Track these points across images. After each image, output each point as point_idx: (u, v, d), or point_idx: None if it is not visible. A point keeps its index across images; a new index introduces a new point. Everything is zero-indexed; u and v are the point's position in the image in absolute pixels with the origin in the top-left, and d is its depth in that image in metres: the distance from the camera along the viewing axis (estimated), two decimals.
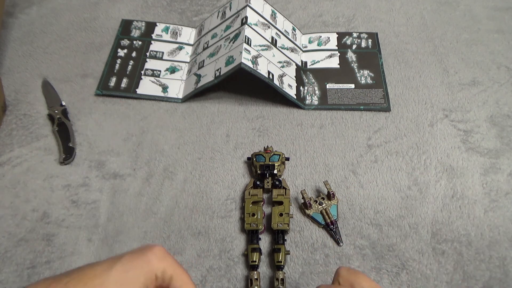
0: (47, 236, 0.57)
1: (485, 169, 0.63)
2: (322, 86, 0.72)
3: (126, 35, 0.79)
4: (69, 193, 0.61)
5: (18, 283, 0.53)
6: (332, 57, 0.76)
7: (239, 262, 0.55)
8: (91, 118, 0.69)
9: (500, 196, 0.60)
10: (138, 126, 0.68)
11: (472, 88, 0.72)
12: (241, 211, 0.59)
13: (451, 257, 0.55)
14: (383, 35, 0.79)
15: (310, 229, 0.58)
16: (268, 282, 0.54)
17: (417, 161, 0.64)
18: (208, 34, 0.76)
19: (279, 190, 0.59)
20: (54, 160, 0.64)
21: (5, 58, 0.76)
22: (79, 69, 0.75)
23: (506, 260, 0.55)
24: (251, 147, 0.65)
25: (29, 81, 0.73)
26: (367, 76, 0.73)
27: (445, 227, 0.57)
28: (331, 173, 0.63)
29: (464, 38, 0.79)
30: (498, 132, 0.66)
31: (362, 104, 0.69)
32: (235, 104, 0.71)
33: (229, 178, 0.62)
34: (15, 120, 0.68)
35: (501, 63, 0.75)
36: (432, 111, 0.69)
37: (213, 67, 0.68)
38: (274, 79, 0.67)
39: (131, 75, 0.73)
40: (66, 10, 0.84)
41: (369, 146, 0.65)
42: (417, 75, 0.74)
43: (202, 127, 0.68)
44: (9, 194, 0.60)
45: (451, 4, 0.85)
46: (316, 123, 0.68)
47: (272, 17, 0.76)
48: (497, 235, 0.57)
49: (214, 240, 0.57)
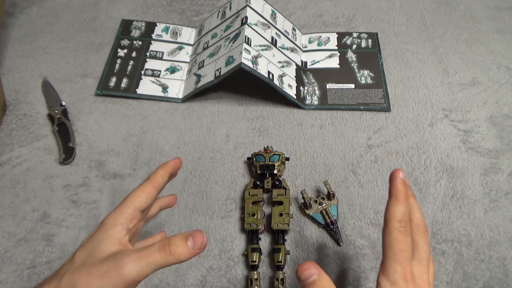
0: (47, 236, 0.57)
1: (485, 169, 0.63)
2: (322, 86, 0.72)
3: (126, 35, 0.79)
4: (69, 193, 0.61)
5: (18, 283, 0.53)
6: (332, 57, 0.76)
7: (239, 262, 0.55)
8: (91, 118, 0.69)
9: (500, 196, 0.60)
10: (138, 126, 0.68)
11: (472, 88, 0.72)
12: (241, 211, 0.59)
13: (451, 257, 0.55)
14: (383, 35, 0.79)
15: (310, 229, 0.58)
16: (268, 282, 0.54)
17: (417, 161, 0.64)
18: (208, 34, 0.76)
19: (279, 190, 0.59)
20: (54, 160, 0.64)
21: (5, 58, 0.76)
22: (79, 69, 0.75)
23: (506, 260, 0.55)
24: (251, 147, 0.65)
25: (29, 81, 0.73)
26: (367, 76, 0.73)
27: (445, 227, 0.57)
28: (331, 173, 0.63)
29: (464, 38, 0.79)
30: (498, 132, 0.66)
31: (362, 104, 0.69)
32: (235, 104, 0.71)
33: (229, 178, 0.62)
34: (15, 120, 0.68)
35: (501, 63, 0.75)
36: (432, 111, 0.69)
37: (213, 67, 0.68)
38: (274, 79, 0.67)
39: (131, 75, 0.73)
40: (66, 10, 0.84)
41: (369, 146, 0.65)
42: (417, 75, 0.74)
43: (202, 127, 0.68)
44: (9, 194, 0.60)
45: (451, 4, 0.85)
46: (316, 123, 0.68)
47: (272, 17, 0.76)
48: (497, 235, 0.57)
49: (214, 240, 0.57)
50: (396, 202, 0.38)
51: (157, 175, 0.43)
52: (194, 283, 0.53)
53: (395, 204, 0.38)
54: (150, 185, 0.42)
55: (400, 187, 0.39)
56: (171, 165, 0.45)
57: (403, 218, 0.38)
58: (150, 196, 0.41)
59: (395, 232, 0.37)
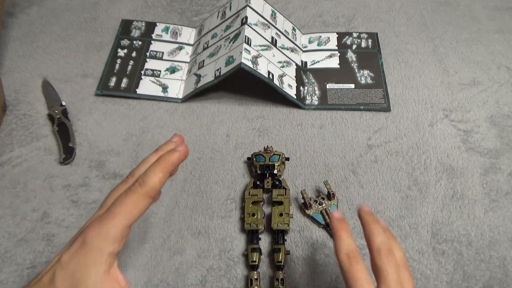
0: (47, 236, 0.57)
1: (485, 169, 0.63)
2: (322, 86, 0.72)
3: (126, 35, 0.79)
4: (69, 193, 0.61)
5: (18, 283, 0.53)
6: (332, 57, 0.76)
7: (239, 262, 0.55)
8: (91, 118, 0.69)
9: (500, 196, 0.60)
10: (138, 126, 0.68)
11: (472, 88, 0.72)
12: (241, 211, 0.59)
13: (451, 257, 0.55)
14: (383, 35, 0.79)
15: (310, 229, 0.58)
16: (268, 282, 0.54)
17: (417, 161, 0.64)
18: (208, 34, 0.76)
19: (279, 190, 0.59)
20: (54, 160, 0.64)
21: (5, 58, 0.76)
22: (79, 69, 0.75)
23: (506, 260, 0.55)
24: (251, 147, 0.65)
25: (29, 81, 0.73)
26: (367, 76, 0.73)
27: (445, 227, 0.57)
28: (331, 173, 0.63)
29: (464, 38, 0.79)
30: (498, 132, 0.66)
31: (362, 104, 0.69)
32: (235, 104, 0.71)
33: (229, 178, 0.62)
34: (15, 120, 0.68)
35: (501, 63, 0.75)
36: (432, 111, 0.69)
37: (213, 67, 0.68)
38: (274, 79, 0.67)
39: (131, 75, 0.73)
40: (66, 10, 0.84)
41: (369, 146, 0.65)
42: (417, 75, 0.74)
43: (202, 127, 0.68)
44: (9, 194, 0.60)
45: (451, 4, 0.85)
46: (316, 123, 0.68)
47: (272, 17, 0.76)
48: (497, 235, 0.57)
49: (214, 240, 0.57)
50: (338, 239, 0.39)
51: (154, 179, 0.36)
52: (194, 283, 0.53)
53: (337, 241, 0.39)
54: (146, 195, 0.35)
55: (336, 225, 0.40)
56: (174, 163, 0.37)
57: (349, 248, 0.38)
58: (143, 209, 0.35)
59: (345, 266, 0.37)
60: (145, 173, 0.36)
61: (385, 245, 0.38)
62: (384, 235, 0.39)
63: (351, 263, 0.37)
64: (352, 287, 0.36)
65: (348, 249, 0.38)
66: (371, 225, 0.40)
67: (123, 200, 0.35)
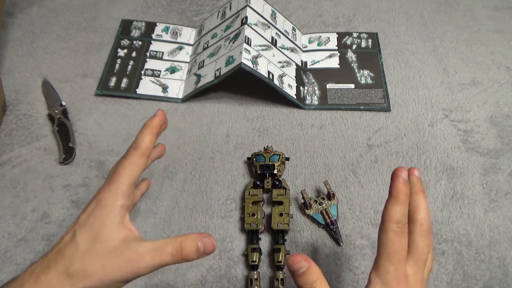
0: (47, 236, 0.57)
1: (485, 169, 0.63)
2: (322, 86, 0.72)
3: (126, 35, 0.79)
4: (69, 193, 0.61)
5: None
6: (332, 57, 0.76)
7: (239, 262, 0.55)
8: (91, 118, 0.69)
9: (500, 196, 0.60)
10: (138, 126, 0.68)
11: (472, 88, 0.72)
12: (241, 211, 0.59)
13: (451, 257, 0.55)
14: (383, 35, 0.79)
15: (310, 229, 0.58)
16: (268, 282, 0.54)
17: (417, 161, 0.64)
18: (208, 34, 0.76)
19: (279, 190, 0.59)
20: (54, 160, 0.64)
21: (5, 58, 0.76)
22: (79, 69, 0.75)
23: (506, 260, 0.55)
24: (251, 147, 0.65)
25: (29, 81, 0.73)
26: (367, 76, 0.73)
27: (445, 227, 0.57)
28: (331, 173, 0.63)
29: (464, 38, 0.79)
30: (498, 132, 0.66)
31: (362, 104, 0.69)
32: (235, 104, 0.71)
33: (229, 178, 0.62)
34: (15, 120, 0.68)
35: (501, 63, 0.75)
36: (432, 111, 0.69)
37: (213, 67, 0.68)
38: (274, 79, 0.67)
39: (131, 75, 0.73)
40: (66, 10, 0.84)
41: (369, 146, 0.65)
42: (417, 75, 0.74)
43: (202, 127, 0.68)
44: (9, 194, 0.60)
45: (451, 4, 0.85)
46: (316, 123, 0.68)
47: (272, 17, 0.76)
48: (497, 235, 0.57)
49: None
50: (395, 203, 0.38)
51: (145, 140, 0.41)
52: (194, 283, 0.53)
53: (394, 205, 0.38)
54: (141, 155, 0.41)
55: (401, 187, 0.38)
56: (157, 125, 0.43)
57: (401, 219, 0.37)
58: (142, 167, 0.41)
59: (391, 233, 0.37)
60: (136, 138, 0.42)
61: (427, 223, 0.39)
62: (428, 212, 0.39)
63: (398, 233, 0.37)
64: (389, 258, 0.36)
65: (399, 219, 0.37)
66: (419, 195, 0.40)
67: (124, 163, 0.40)
